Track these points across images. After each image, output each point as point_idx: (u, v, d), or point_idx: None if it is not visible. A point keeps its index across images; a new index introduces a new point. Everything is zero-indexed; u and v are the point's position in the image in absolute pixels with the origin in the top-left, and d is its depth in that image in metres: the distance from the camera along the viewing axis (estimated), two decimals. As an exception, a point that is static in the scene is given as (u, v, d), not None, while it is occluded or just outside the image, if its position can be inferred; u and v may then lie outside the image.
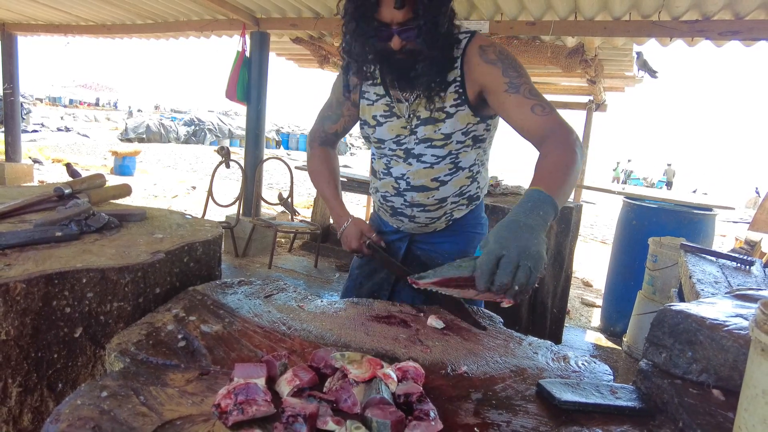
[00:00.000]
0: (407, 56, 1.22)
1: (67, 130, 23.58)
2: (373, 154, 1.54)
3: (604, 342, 3.79)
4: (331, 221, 5.94)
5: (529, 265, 0.84)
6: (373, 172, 1.54)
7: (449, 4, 1.22)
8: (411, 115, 1.35)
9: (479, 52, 1.28)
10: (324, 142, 1.60)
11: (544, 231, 0.91)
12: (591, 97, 6.67)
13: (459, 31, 1.30)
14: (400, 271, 1.41)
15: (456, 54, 1.29)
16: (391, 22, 1.17)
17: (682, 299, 2.03)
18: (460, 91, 1.30)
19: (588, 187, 7.03)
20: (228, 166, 4.85)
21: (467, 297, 0.97)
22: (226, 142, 24.03)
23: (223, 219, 5.11)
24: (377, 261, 1.49)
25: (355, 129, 1.62)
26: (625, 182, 25.70)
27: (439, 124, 1.33)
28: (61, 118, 28.93)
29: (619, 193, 5.81)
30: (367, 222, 1.55)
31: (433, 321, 1.17)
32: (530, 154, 1.25)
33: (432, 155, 1.36)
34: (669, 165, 26.20)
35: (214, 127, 25.66)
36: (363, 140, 1.51)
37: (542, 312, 3.12)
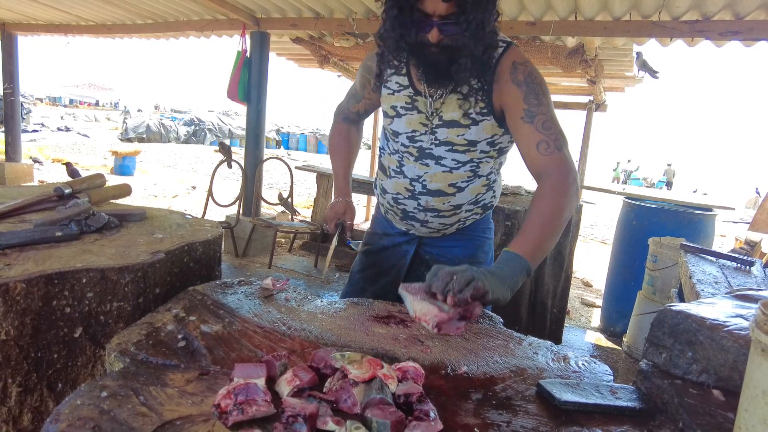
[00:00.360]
0: (441, 51, 1.16)
1: (67, 129, 23.57)
2: (382, 148, 1.49)
3: (604, 342, 3.79)
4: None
5: (473, 274, 0.95)
6: (382, 168, 1.48)
7: (495, 4, 1.17)
8: (433, 113, 1.30)
9: (511, 68, 1.25)
10: (347, 119, 1.61)
11: (509, 285, 1.01)
12: (591, 98, 6.67)
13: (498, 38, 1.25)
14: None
15: (491, 62, 1.24)
16: (433, 14, 1.12)
17: (682, 299, 2.03)
18: (486, 100, 1.27)
19: (588, 188, 7.03)
20: (230, 166, 4.83)
21: (421, 310, 1.00)
22: (227, 142, 24.02)
23: (223, 219, 5.11)
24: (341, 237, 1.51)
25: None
26: (625, 182, 25.69)
27: (462, 129, 1.29)
28: (61, 117, 28.94)
29: (619, 194, 5.82)
30: (370, 222, 1.54)
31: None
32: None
33: (453, 160, 1.32)
34: (669, 165, 26.19)
35: (214, 127, 25.66)
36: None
37: (542, 312, 3.12)
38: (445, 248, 1.49)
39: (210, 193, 4.84)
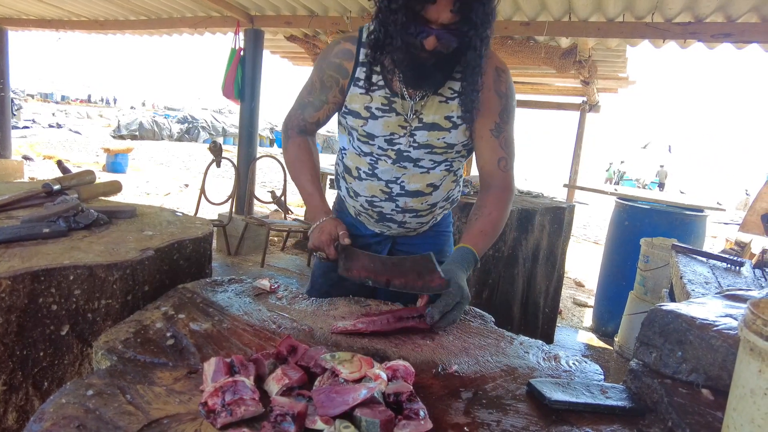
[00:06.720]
0: (431, 56, 1.13)
1: (59, 126, 23.35)
2: (344, 148, 1.40)
3: (596, 342, 3.81)
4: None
5: (465, 304, 1.13)
6: (347, 170, 1.40)
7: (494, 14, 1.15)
8: (412, 115, 1.26)
9: (494, 75, 1.25)
10: (302, 131, 1.43)
11: (466, 276, 1.18)
12: (584, 98, 6.70)
13: None
14: (381, 270, 1.20)
15: (482, 68, 1.21)
16: (435, 21, 1.07)
17: (673, 299, 2.04)
18: (469, 104, 1.25)
19: (581, 188, 7.05)
20: (218, 165, 4.80)
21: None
22: (220, 140, 23.93)
23: (215, 217, 5.08)
24: (346, 264, 1.28)
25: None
26: (617, 183, 25.84)
27: (443, 132, 1.27)
28: (53, 114, 28.67)
29: (612, 194, 5.84)
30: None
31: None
32: (526, 156, 1.25)
33: (430, 161, 1.31)
34: (662, 166, 26.40)
35: (208, 125, 25.50)
36: (340, 129, 1.44)
37: (534, 312, 3.13)
38: (417, 245, 1.47)
39: (202, 191, 4.82)
